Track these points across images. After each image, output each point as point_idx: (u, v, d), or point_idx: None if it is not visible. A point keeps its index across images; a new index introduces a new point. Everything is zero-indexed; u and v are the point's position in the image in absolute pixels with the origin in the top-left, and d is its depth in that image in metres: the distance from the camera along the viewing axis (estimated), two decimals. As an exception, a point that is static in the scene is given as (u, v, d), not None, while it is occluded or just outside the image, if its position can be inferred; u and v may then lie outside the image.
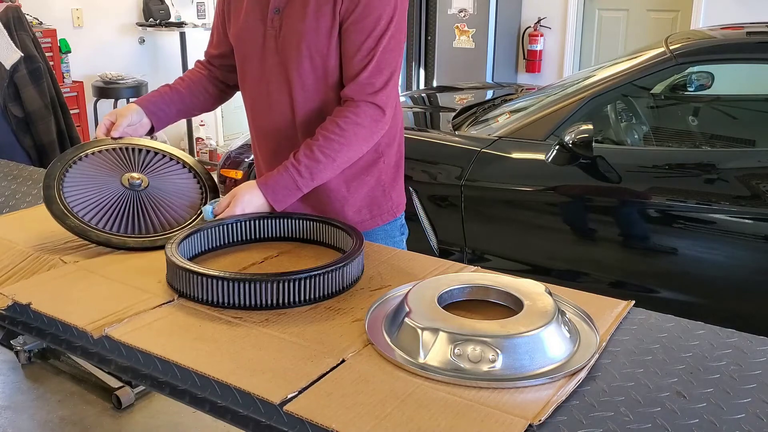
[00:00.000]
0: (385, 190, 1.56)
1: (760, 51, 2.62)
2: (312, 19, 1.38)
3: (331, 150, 1.38)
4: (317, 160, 1.37)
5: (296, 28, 1.39)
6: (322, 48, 1.39)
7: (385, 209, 1.57)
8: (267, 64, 1.45)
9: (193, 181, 1.59)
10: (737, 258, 2.35)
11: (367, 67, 1.38)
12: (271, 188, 1.38)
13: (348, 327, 1.08)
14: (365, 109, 1.39)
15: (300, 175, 1.37)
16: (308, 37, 1.39)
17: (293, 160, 1.38)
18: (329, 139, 1.38)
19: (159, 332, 1.06)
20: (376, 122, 1.41)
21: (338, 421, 0.84)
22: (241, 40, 1.50)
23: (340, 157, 1.39)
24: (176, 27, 5.08)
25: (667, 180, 2.42)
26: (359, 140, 1.40)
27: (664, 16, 5.34)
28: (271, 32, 1.43)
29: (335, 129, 1.38)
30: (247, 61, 1.50)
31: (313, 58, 1.40)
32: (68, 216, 1.39)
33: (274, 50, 1.43)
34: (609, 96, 2.65)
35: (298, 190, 1.39)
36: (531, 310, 1.04)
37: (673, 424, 0.86)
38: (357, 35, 1.37)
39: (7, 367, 2.72)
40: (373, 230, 1.56)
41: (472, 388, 0.92)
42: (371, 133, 1.42)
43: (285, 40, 1.41)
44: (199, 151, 5.42)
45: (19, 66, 2.91)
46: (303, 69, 1.41)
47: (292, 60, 1.41)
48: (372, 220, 1.56)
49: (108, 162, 1.55)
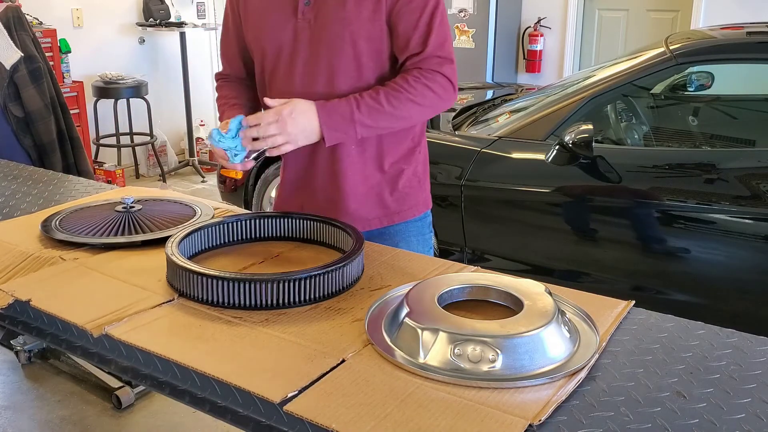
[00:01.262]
0: (420, 180, 1.55)
1: (760, 51, 2.63)
2: (355, 4, 1.36)
3: (396, 100, 1.36)
4: (380, 103, 1.35)
5: (337, 16, 1.37)
6: (366, 33, 1.38)
7: (420, 200, 1.56)
8: (301, 57, 1.42)
9: (188, 208, 1.59)
10: (737, 258, 2.35)
11: (428, 43, 1.37)
12: (327, 111, 1.33)
13: (348, 327, 1.08)
14: (435, 77, 1.38)
15: (359, 109, 1.34)
16: (352, 24, 1.37)
17: (356, 95, 1.36)
18: (397, 89, 1.36)
19: (159, 331, 1.06)
20: (446, 91, 1.40)
21: (338, 421, 0.84)
22: (265, 40, 1.45)
23: (403, 111, 1.37)
24: (176, 27, 5.08)
25: (667, 180, 2.43)
26: (426, 102, 1.38)
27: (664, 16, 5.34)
28: (304, 24, 1.40)
29: (404, 83, 1.37)
30: (276, 58, 1.45)
31: (356, 44, 1.38)
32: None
33: (309, 42, 1.40)
34: (609, 96, 2.65)
35: (352, 123, 1.34)
36: (531, 310, 1.04)
37: (673, 424, 0.86)
38: (411, 14, 1.37)
39: (7, 367, 2.72)
40: (405, 226, 1.54)
41: (472, 388, 0.92)
42: (439, 100, 1.40)
43: (324, 30, 1.38)
44: (199, 151, 5.42)
45: (19, 66, 2.90)
46: (347, 56, 1.39)
47: (334, 49, 1.38)
48: (408, 211, 1.54)
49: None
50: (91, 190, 1.82)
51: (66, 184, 1.87)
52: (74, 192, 1.80)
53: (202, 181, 5.18)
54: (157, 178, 5.18)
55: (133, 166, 5.15)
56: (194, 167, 5.32)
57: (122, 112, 4.86)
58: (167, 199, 1.66)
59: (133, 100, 4.91)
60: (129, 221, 1.48)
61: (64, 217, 1.52)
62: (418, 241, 1.55)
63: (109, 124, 4.83)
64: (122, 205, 1.54)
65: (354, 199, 1.48)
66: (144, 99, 4.88)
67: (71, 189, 1.83)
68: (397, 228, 1.53)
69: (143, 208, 1.55)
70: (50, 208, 1.64)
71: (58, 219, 1.50)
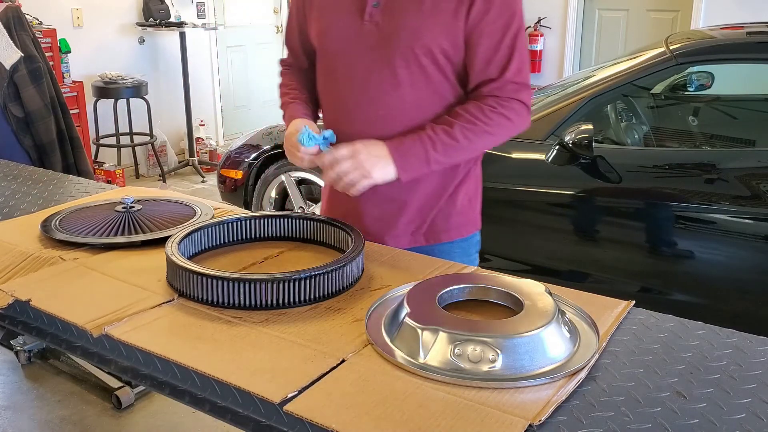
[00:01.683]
0: (470, 200, 1.50)
1: (760, 51, 2.63)
2: (429, 15, 1.30)
3: (472, 133, 1.31)
4: (455, 138, 1.31)
5: (407, 24, 1.31)
6: (438, 46, 1.31)
7: (470, 220, 1.51)
8: (364, 62, 1.36)
9: (188, 208, 1.59)
10: (737, 258, 2.35)
11: (509, 66, 1.32)
12: (402, 154, 1.30)
13: (348, 327, 1.08)
14: (512, 104, 1.34)
15: (434, 148, 1.30)
16: (424, 34, 1.30)
17: (430, 132, 1.31)
18: (473, 122, 1.31)
19: (159, 331, 1.06)
20: (520, 117, 1.36)
21: (338, 421, 0.84)
22: (328, 39, 1.40)
23: (478, 143, 1.34)
24: (176, 27, 5.08)
25: (667, 180, 2.43)
26: (501, 132, 1.35)
27: (664, 16, 5.34)
28: (370, 26, 1.34)
29: (480, 114, 1.32)
30: (337, 59, 1.40)
31: (427, 55, 1.32)
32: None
33: (375, 46, 1.34)
34: (609, 96, 2.65)
35: (427, 164, 1.31)
36: (531, 310, 1.04)
37: (673, 424, 0.86)
38: (494, 35, 1.31)
39: (7, 367, 2.72)
40: (450, 246, 1.48)
41: (472, 388, 0.91)
42: (515, 128, 1.36)
43: (392, 37, 1.32)
44: (199, 151, 5.42)
45: (19, 66, 2.91)
46: (415, 67, 1.32)
47: (401, 58, 1.32)
48: (455, 230, 1.48)
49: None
50: (91, 190, 1.81)
51: (66, 184, 1.87)
52: (74, 192, 1.80)
53: (202, 181, 5.18)
54: (157, 178, 5.19)
55: (133, 166, 5.15)
56: (194, 167, 5.32)
57: (122, 112, 4.86)
58: (167, 199, 1.66)
59: (133, 100, 4.92)
60: (129, 221, 1.48)
61: (64, 217, 1.52)
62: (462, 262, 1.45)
63: (109, 124, 4.83)
64: (122, 205, 1.54)
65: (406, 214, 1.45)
66: (144, 99, 4.88)
67: (71, 189, 1.83)
68: (442, 247, 1.47)
69: (143, 208, 1.55)
70: (50, 208, 1.64)
71: (57, 219, 1.50)
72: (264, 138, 3.38)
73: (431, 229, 1.48)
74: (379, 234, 1.47)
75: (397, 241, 1.47)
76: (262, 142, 3.37)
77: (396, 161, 1.30)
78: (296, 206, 3.36)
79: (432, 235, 1.48)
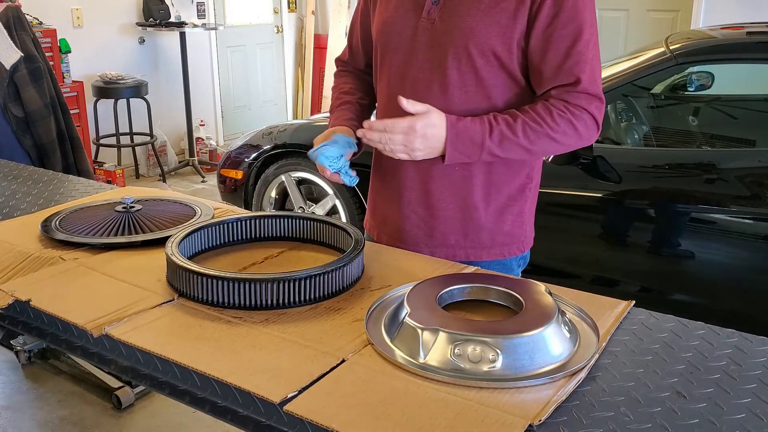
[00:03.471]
0: (524, 221, 1.42)
1: (760, 51, 2.63)
2: (485, 14, 1.25)
3: (534, 134, 1.24)
4: (516, 133, 1.24)
5: (463, 23, 1.26)
6: (492, 48, 1.26)
7: (520, 239, 1.42)
8: (416, 60, 1.32)
9: (188, 208, 1.59)
10: (737, 258, 2.35)
11: (581, 77, 1.25)
12: (458, 132, 1.23)
13: (348, 327, 1.08)
14: (582, 115, 1.27)
15: (491, 137, 1.23)
16: (479, 34, 1.25)
17: (492, 117, 1.24)
18: (538, 122, 1.24)
19: (159, 332, 1.06)
20: (588, 130, 1.28)
21: (338, 421, 0.84)
22: (385, 33, 1.36)
23: (538, 146, 1.26)
24: (176, 27, 5.08)
25: (667, 180, 2.43)
26: (565, 140, 1.27)
27: (664, 16, 5.34)
28: (426, 24, 1.30)
29: (547, 116, 1.24)
30: (391, 54, 1.36)
31: (479, 57, 1.26)
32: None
33: (428, 45, 1.30)
34: (609, 96, 2.64)
35: (480, 150, 1.24)
36: (531, 310, 1.04)
37: (673, 424, 0.86)
38: (564, 40, 1.24)
39: (7, 367, 2.72)
40: (488, 265, 1.39)
41: (472, 388, 0.91)
42: (581, 140, 1.29)
43: (445, 35, 1.28)
44: (199, 151, 5.42)
45: (19, 66, 2.91)
46: (466, 68, 1.28)
47: (452, 58, 1.28)
48: (501, 249, 1.40)
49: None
50: (91, 190, 1.81)
51: (66, 184, 1.87)
52: (74, 192, 1.80)
53: (202, 181, 5.18)
54: (157, 178, 5.19)
55: (133, 166, 5.15)
56: (194, 167, 5.32)
57: (122, 112, 4.86)
58: (167, 199, 1.65)
59: (133, 100, 4.92)
60: (129, 221, 1.48)
61: (64, 217, 1.52)
62: None
63: (109, 124, 4.83)
64: (122, 205, 1.54)
65: (445, 223, 1.39)
66: (144, 99, 4.88)
67: (71, 189, 1.83)
68: (482, 264, 1.38)
69: (143, 208, 1.55)
70: (50, 208, 1.64)
71: (57, 219, 1.50)
72: (264, 138, 3.38)
73: (472, 245, 1.40)
74: (415, 242, 1.42)
75: (434, 252, 1.41)
76: (262, 142, 3.37)
77: (449, 137, 1.23)
78: (296, 206, 3.36)
79: (473, 251, 1.40)
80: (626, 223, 2.52)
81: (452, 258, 1.39)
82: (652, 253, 2.46)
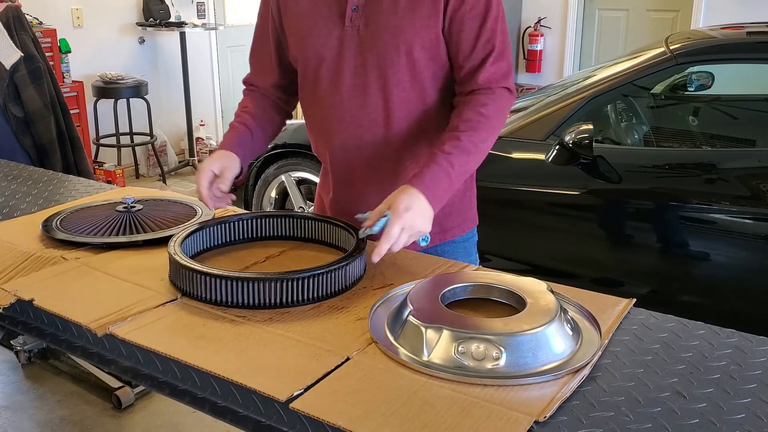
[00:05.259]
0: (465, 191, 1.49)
1: (760, 51, 2.63)
2: (408, 11, 1.29)
3: (479, 140, 1.29)
4: (467, 151, 1.28)
5: (389, 23, 1.30)
6: (421, 41, 1.31)
7: (468, 216, 1.51)
8: (348, 67, 1.34)
9: (189, 208, 1.59)
10: (737, 258, 2.36)
11: (492, 53, 1.32)
12: (431, 189, 1.24)
13: (351, 325, 1.08)
14: (502, 95, 1.33)
15: (452, 167, 1.26)
16: (406, 31, 1.30)
17: (442, 153, 1.27)
18: (475, 129, 1.29)
19: (163, 331, 1.07)
20: (509, 101, 1.36)
21: (345, 419, 0.84)
22: (309, 48, 1.37)
23: (485, 147, 1.32)
24: (176, 27, 5.08)
25: (667, 180, 2.43)
26: (499, 125, 1.34)
27: (664, 16, 5.35)
28: (351, 32, 1.32)
29: (479, 118, 1.30)
30: (318, 67, 1.37)
31: (411, 53, 1.31)
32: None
33: (358, 50, 1.33)
34: (609, 96, 2.66)
35: (450, 186, 1.27)
36: (533, 308, 1.05)
37: (673, 424, 0.86)
38: (473, 22, 1.31)
39: (7, 367, 2.72)
40: (453, 247, 1.46)
41: (477, 386, 0.92)
42: (506, 119, 1.37)
43: (375, 38, 1.31)
44: (199, 151, 5.42)
45: (19, 66, 2.91)
46: (401, 66, 1.32)
47: (387, 58, 1.31)
48: (456, 228, 1.47)
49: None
50: (91, 190, 1.81)
51: (66, 184, 1.87)
52: (74, 192, 1.80)
53: (201, 181, 5.17)
54: (157, 178, 5.18)
55: (133, 166, 5.14)
56: (194, 167, 5.32)
57: (122, 112, 4.86)
58: (168, 199, 1.66)
59: (133, 100, 4.91)
60: (130, 221, 1.48)
61: (64, 217, 1.52)
62: (464, 261, 1.41)
63: (109, 124, 4.83)
64: (123, 204, 1.54)
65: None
66: (144, 99, 4.88)
67: (71, 189, 1.83)
68: (444, 248, 1.45)
69: (144, 207, 1.55)
70: (50, 208, 1.65)
71: (58, 219, 1.51)
72: (264, 138, 3.38)
73: (434, 229, 1.44)
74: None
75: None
76: (262, 142, 3.36)
77: (430, 200, 1.24)
78: (296, 206, 3.36)
79: (436, 234, 1.43)
80: (626, 223, 2.52)
81: (416, 247, 1.38)
82: (652, 253, 2.47)
